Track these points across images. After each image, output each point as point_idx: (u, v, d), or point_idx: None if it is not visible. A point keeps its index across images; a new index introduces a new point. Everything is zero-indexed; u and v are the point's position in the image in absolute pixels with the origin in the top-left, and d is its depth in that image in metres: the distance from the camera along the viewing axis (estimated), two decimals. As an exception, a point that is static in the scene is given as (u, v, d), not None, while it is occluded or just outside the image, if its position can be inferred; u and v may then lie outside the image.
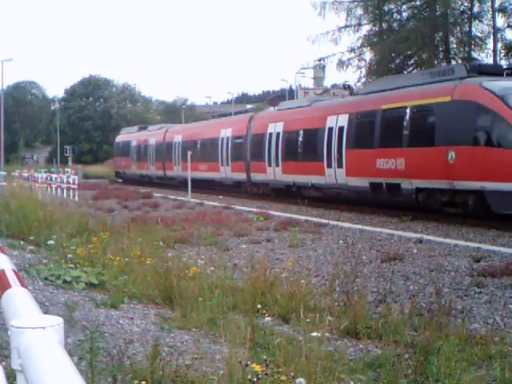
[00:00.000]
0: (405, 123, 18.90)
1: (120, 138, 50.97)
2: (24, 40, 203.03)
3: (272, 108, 30.31)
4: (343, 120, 21.98)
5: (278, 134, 26.56)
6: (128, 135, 49.04)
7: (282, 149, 26.15)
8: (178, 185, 35.20)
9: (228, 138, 31.30)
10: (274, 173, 26.77)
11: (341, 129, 22.05)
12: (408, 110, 18.86)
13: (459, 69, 18.54)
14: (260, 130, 28.30)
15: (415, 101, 18.72)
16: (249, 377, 4.26)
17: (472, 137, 16.53)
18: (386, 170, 19.57)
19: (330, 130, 22.62)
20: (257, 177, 28.54)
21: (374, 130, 20.45)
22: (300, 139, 24.98)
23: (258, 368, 4.27)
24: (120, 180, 48.66)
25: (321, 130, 23.20)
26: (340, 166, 22.13)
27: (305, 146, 24.65)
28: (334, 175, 22.49)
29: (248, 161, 29.15)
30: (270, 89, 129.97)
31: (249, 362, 4.44)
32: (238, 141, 30.44)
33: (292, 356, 5.08)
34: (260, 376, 4.21)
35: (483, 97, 16.42)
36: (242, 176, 29.80)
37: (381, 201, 19.47)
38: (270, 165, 26.99)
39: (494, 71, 18.42)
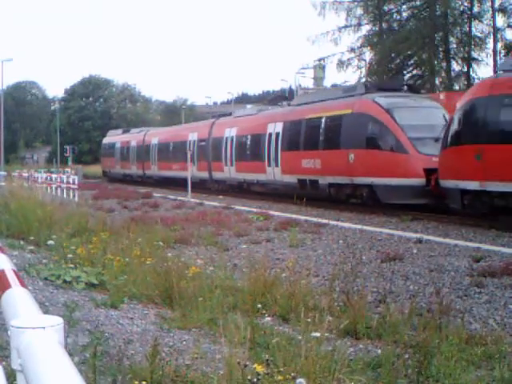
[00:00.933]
0: (321, 130, 23.20)
1: (106, 139, 54.73)
2: (24, 40, 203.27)
3: (230, 115, 34.38)
4: (279, 127, 26.29)
5: (232, 138, 30.90)
6: (113, 137, 52.72)
7: (235, 151, 30.39)
8: (155, 183, 39.72)
9: (194, 141, 35.56)
10: (229, 171, 30.97)
11: (277, 134, 26.29)
12: (323, 120, 23.15)
13: (360, 86, 23.26)
14: (219, 134, 32.45)
15: (328, 112, 23.04)
16: (249, 377, 4.26)
17: (365, 142, 20.60)
18: (309, 169, 23.81)
19: (270, 135, 26.86)
20: (217, 175, 32.66)
21: (300, 136, 24.72)
22: (248, 142, 29.17)
23: (259, 368, 4.27)
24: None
25: (263, 135, 27.44)
26: (277, 165, 26.35)
27: (252, 149, 28.79)
28: (273, 173, 26.65)
29: (210, 161, 33.25)
30: (270, 89, 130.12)
31: (248, 362, 4.44)
32: (202, 143, 34.64)
33: (292, 356, 5.08)
34: (260, 376, 4.21)
35: (374, 110, 20.52)
36: (205, 174, 33.86)
37: (305, 194, 21.97)
38: (226, 164, 31.12)
39: (392, 87, 22.94)
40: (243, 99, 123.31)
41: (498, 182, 15.23)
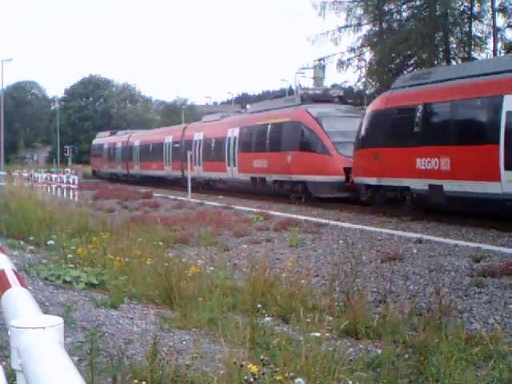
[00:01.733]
0: (267, 135, 27.50)
1: (95, 141, 59.29)
2: (24, 40, 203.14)
3: (199, 121, 39.52)
4: (236, 132, 30.35)
5: (200, 141, 35.12)
6: (101, 139, 57.11)
7: (203, 152, 34.50)
8: (138, 181, 43.73)
9: (170, 143, 39.72)
10: (198, 170, 34.65)
11: (235, 138, 30.30)
12: (269, 126, 27.50)
13: (297, 98, 28.08)
14: (190, 137, 36.67)
15: (273, 120, 27.41)
16: (245, 377, 4.26)
17: (299, 145, 24.77)
18: (259, 168, 27.79)
19: (229, 138, 30.88)
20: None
21: (252, 140, 28.86)
22: (213, 145, 33.13)
23: (254, 368, 4.27)
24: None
25: (224, 139, 31.43)
26: (234, 165, 30.22)
27: (215, 150, 32.69)
28: (232, 172, 30.49)
29: (182, 161, 36.62)
30: (270, 89, 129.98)
31: (245, 363, 4.44)
32: (176, 145, 38.67)
33: (292, 356, 5.08)
34: (257, 376, 4.21)
35: (306, 118, 24.70)
36: (179, 173, 37.70)
37: (256, 190, 27.01)
38: (195, 164, 34.70)
39: (325, 99, 27.65)
40: (243, 99, 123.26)
41: (389, 178, 19.50)
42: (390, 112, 19.78)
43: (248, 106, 39.63)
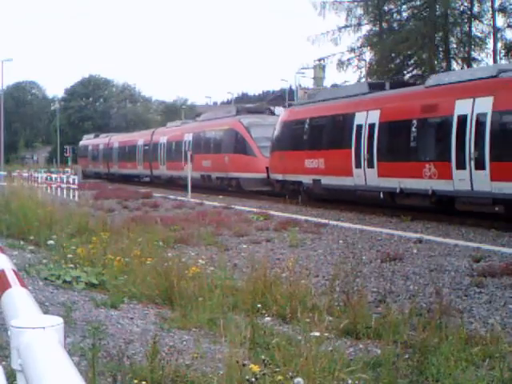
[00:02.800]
0: (211, 140, 34.16)
1: (81, 142, 65.15)
2: (24, 40, 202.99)
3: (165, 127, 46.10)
4: (190, 136, 36.81)
5: (164, 144, 40.96)
6: (87, 141, 63.02)
7: (166, 153, 40.36)
8: (117, 179, 48.52)
9: (141, 146, 45.49)
10: (162, 169, 41.05)
11: (189, 142, 36.42)
12: (213, 133, 34.18)
13: (233, 109, 34.70)
14: (156, 140, 42.65)
15: (215, 127, 34.08)
16: (247, 377, 4.26)
17: (233, 149, 31.06)
18: (206, 167, 33.68)
19: (185, 142, 36.97)
20: (155, 172, 42.77)
21: (201, 143, 35.25)
22: (173, 147, 39.05)
23: (255, 368, 4.27)
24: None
25: (182, 142, 37.58)
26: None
27: (176, 152, 38.22)
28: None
29: (150, 161, 43.09)
30: (270, 89, 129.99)
31: (246, 362, 4.44)
32: (146, 147, 44.50)
33: (292, 356, 5.08)
34: (258, 376, 4.20)
35: (238, 127, 30.97)
36: (148, 171, 44.26)
37: (205, 185, 32.70)
38: (160, 164, 41.19)
39: (256, 110, 35.04)
40: (243, 99, 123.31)
41: (289, 174, 25.65)
42: (290, 123, 26.38)
43: (248, 105, 45.01)
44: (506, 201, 15.91)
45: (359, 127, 21.06)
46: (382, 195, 21.10)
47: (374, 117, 20.47)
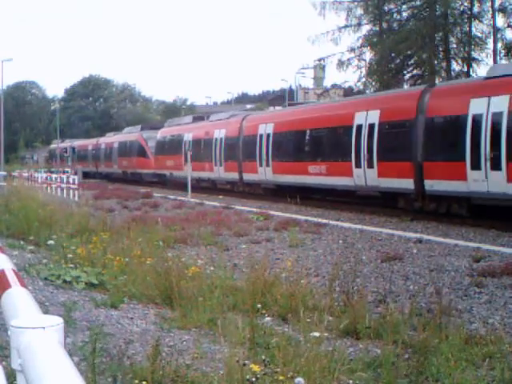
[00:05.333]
0: (127, 147, 48.49)
1: (61, 144, 77.37)
2: (24, 40, 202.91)
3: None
4: (117, 144, 51.22)
5: (116, 147, 52.34)
6: (54, 146, 74.41)
7: (104, 156, 55.14)
8: (104, 177, 54.91)
9: (90, 150, 59.27)
10: (114, 168, 52.23)
11: (117, 148, 51.09)
12: (127, 142, 48.96)
13: (138, 127, 49.78)
14: (99, 146, 57.45)
15: (130, 138, 48.77)
16: (247, 376, 4.26)
17: (137, 153, 45.26)
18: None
19: (114, 148, 51.64)
20: (104, 170, 55.23)
21: (122, 149, 49.32)
22: (108, 151, 54.55)
23: (256, 368, 4.27)
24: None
25: (113, 147, 52.14)
26: (116, 164, 51.00)
27: (110, 155, 53.29)
28: (115, 168, 51.35)
29: (97, 162, 57.54)
30: (270, 89, 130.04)
31: (247, 362, 4.44)
32: (93, 151, 58.82)
33: (292, 356, 5.08)
34: (258, 376, 4.20)
35: (140, 139, 45.60)
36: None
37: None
38: (114, 163, 52.64)
39: (155, 127, 47.70)
40: (243, 99, 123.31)
41: (161, 170, 41.25)
42: (160, 138, 42.65)
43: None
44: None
45: (186, 143, 37.20)
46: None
47: (190, 136, 37.37)
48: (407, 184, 19.33)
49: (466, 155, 16.91)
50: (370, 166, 20.90)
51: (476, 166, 16.55)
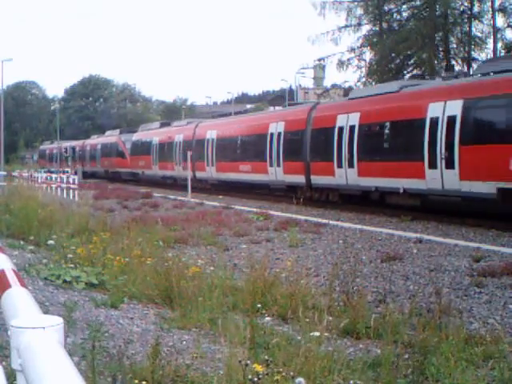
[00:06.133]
0: (108, 148, 53.78)
1: (42, 147, 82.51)
2: (24, 40, 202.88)
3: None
4: (100, 146, 56.60)
5: (88, 150, 60.49)
6: (45, 146, 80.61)
7: (89, 156, 59.83)
8: (90, 176, 57.60)
9: (99, 149, 58.95)
10: (98, 167, 56.38)
11: (100, 149, 55.99)
12: (108, 144, 54.45)
13: (117, 131, 56.36)
14: (85, 147, 62.38)
15: (109, 141, 54.28)
16: (249, 376, 4.26)
17: (116, 154, 51.10)
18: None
19: (98, 149, 56.68)
20: (104, 168, 57.01)
21: (104, 151, 54.10)
22: (92, 152, 59.52)
23: (259, 368, 4.27)
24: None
25: (97, 149, 57.56)
26: (99, 163, 56.01)
27: (93, 155, 58.80)
28: (99, 167, 56.12)
29: (81, 161, 62.26)
30: (270, 89, 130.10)
31: (249, 362, 4.44)
32: (80, 152, 63.03)
33: (292, 356, 5.08)
34: (260, 376, 4.20)
35: (119, 141, 50.86)
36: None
37: (107, 176, 49.10)
38: (88, 163, 60.06)
39: (132, 131, 51.86)
40: (243, 99, 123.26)
41: (131, 169, 48.51)
42: (135, 140, 47.95)
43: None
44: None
45: (154, 145, 43.22)
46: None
47: (156, 139, 43.10)
48: (301, 179, 25.48)
49: (334, 157, 22.94)
50: (278, 165, 26.95)
51: (339, 165, 22.70)
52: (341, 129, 22.69)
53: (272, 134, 27.43)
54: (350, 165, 22.08)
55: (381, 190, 21.02)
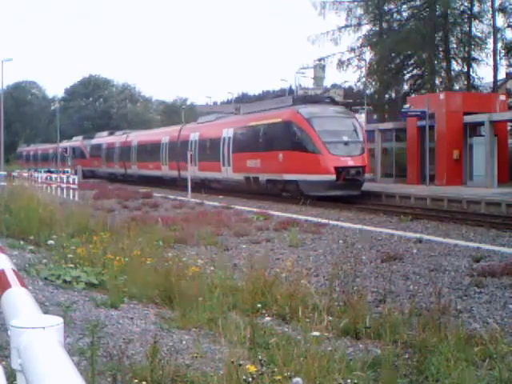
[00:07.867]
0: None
1: (19, 149, 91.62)
2: (24, 40, 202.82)
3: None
4: (88, 147, 62.13)
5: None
6: (23, 148, 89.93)
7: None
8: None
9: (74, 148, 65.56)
10: (103, 167, 59.34)
11: (86, 148, 63.23)
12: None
13: (81, 137, 69.58)
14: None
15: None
16: (244, 377, 4.26)
17: (80, 156, 64.95)
18: (96, 165, 55.61)
19: (79, 148, 63.78)
20: (93, 169, 61.08)
21: (94, 151, 62.04)
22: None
23: (252, 368, 4.27)
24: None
25: (79, 149, 64.24)
26: (89, 163, 61.11)
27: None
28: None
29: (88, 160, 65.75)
30: (270, 89, 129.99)
31: (242, 362, 4.44)
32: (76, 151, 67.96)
33: (291, 356, 5.08)
34: (255, 376, 4.20)
35: (81, 145, 67.87)
36: (87, 168, 60.00)
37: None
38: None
39: (90, 137, 65.89)
40: (243, 99, 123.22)
41: (104, 168, 58.37)
42: (92, 144, 60.11)
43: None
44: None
45: (103, 149, 56.49)
46: None
47: (105, 144, 55.94)
48: (176, 174, 39.51)
49: (189, 159, 32.90)
50: (166, 164, 42.18)
51: (192, 163, 33.83)
52: (192, 141, 37.23)
53: (164, 144, 42.00)
54: (195, 164, 35.20)
55: (208, 179, 35.15)
